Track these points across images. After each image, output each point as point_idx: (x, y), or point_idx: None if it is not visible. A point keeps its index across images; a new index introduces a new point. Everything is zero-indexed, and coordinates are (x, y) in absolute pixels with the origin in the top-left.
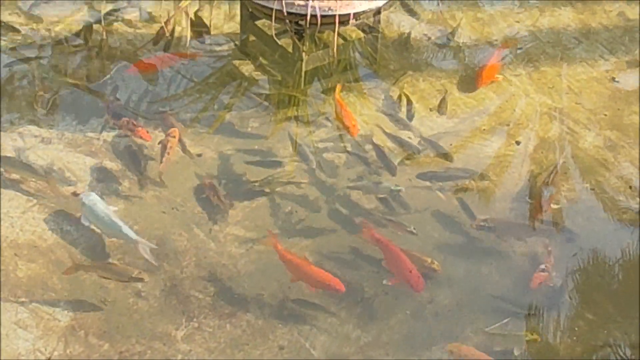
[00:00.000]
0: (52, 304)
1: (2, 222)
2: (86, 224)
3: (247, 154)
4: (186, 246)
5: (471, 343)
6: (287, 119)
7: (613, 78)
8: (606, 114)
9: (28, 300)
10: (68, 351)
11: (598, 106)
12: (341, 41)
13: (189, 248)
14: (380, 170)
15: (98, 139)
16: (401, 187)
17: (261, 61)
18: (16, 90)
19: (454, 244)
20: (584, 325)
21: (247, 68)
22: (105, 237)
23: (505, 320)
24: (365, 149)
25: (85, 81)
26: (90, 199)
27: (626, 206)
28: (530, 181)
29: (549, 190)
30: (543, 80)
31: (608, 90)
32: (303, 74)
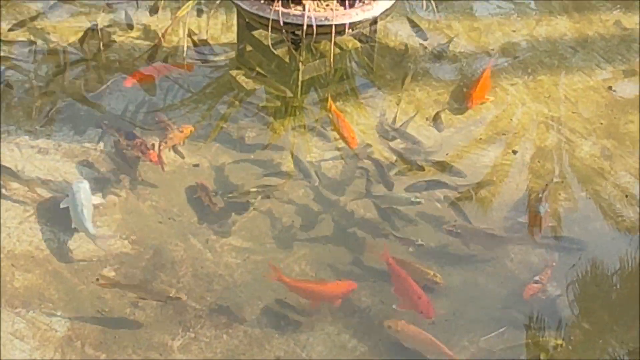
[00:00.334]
0: (49, 315)
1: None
2: (62, 206)
3: (244, 164)
4: (183, 256)
5: (468, 352)
6: (284, 129)
7: (610, 87)
8: (602, 123)
9: (25, 310)
10: None
11: (595, 115)
12: (338, 51)
13: (186, 258)
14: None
15: (95, 150)
16: (421, 199)
17: (258, 71)
18: (13, 100)
19: (451, 254)
20: (580, 334)
21: (244, 78)
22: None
23: (501, 329)
24: (364, 161)
25: (82, 92)
26: (78, 186)
27: (623, 215)
28: (527, 194)
29: (544, 207)
30: (539, 89)
31: (604, 99)
32: (300, 84)
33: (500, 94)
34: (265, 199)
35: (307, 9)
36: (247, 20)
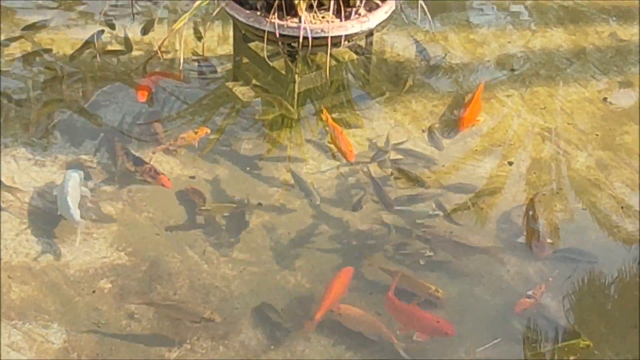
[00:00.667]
0: (46, 327)
1: None
2: (54, 194)
3: (241, 176)
4: (179, 268)
5: None
6: (281, 141)
7: (605, 98)
8: (598, 134)
9: (21, 322)
10: None
11: (590, 126)
12: (334, 63)
13: (183, 270)
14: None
15: (92, 162)
16: (439, 212)
17: (254, 83)
18: (9, 112)
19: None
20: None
21: (241, 90)
22: (98, 260)
23: (496, 340)
24: (361, 173)
25: (78, 104)
26: (70, 174)
27: (619, 226)
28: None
29: (539, 225)
30: (535, 100)
31: (600, 110)
32: (296, 96)
33: (496, 106)
34: (261, 211)
35: (303, 21)
36: (244, 32)
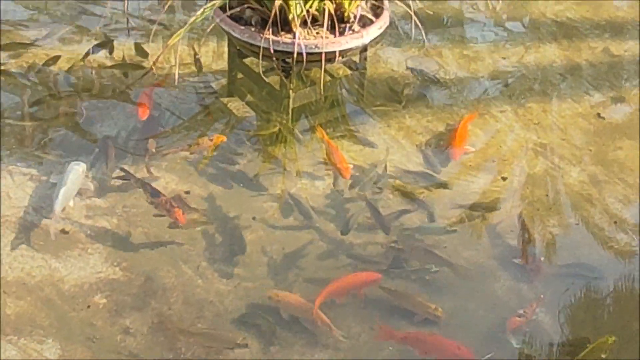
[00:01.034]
0: (40, 342)
1: None
2: (52, 181)
3: (235, 192)
4: (174, 283)
5: None
6: (275, 156)
7: (598, 114)
8: (591, 150)
9: (16, 337)
10: None
11: (583, 142)
12: (328, 78)
13: (177, 285)
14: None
15: (87, 177)
16: (456, 228)
17: (249, 98)
18: (5, 128)
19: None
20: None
21: (235, 105)
22: (93, 276)
23: (488, 355)
24: (356, 189)
25: (74, 119)
26: (72, 166)
27: (612, 240)
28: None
29: (534, 250)
30: (528, 116)
31: (593, 126)
32: (290, 111)
33: (489, 121)
34: (256, 226)
35: (298, 37)
36: (238, 48)
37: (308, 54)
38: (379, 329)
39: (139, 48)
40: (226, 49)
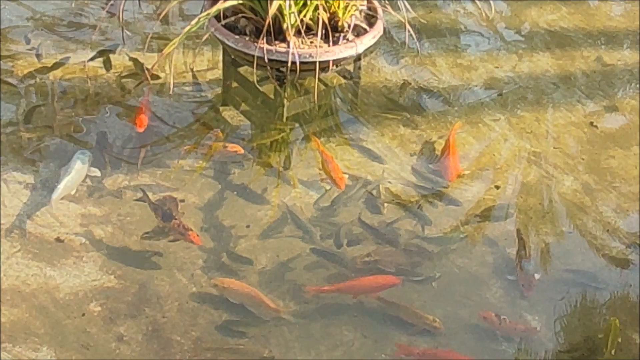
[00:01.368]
0: (35, 349)
1: None
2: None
3: (229, 200)
4: (168, 291)
5: None
6: (269, 165)
7: (591, 123)
8: (584, 158)
9: (11, 345)
10: None
11: (576, 151)
12: (322, 87)
13: (171, 293)
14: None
15: (82, 185)
16: (466, 234)
17: (243, 107)
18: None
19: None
20: None
21: (230, 114)
22: (88, 283)
23: None
24: (352, 197)
25: (69, 128)
26: (78, 156)
27: (606, 249)
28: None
29: (530, 264)
30: (522, 125)
31: (586, 134)
32: (285, 120)
33: (483, 130)
34: (249, 234)
35: (292, 46)
36: (233, 57)
37: (302, 63)
38: (397, 347)
39: (134, 58)
40: (221, 58)
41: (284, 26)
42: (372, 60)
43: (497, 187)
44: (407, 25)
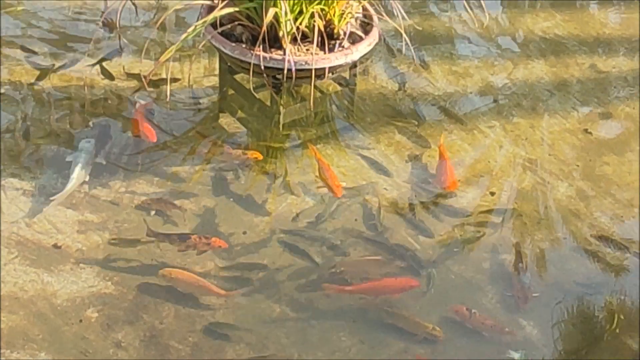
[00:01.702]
0: (33, 355)
1: None
2: (68, 160)
3: (226, 207)
4: (165, 297)
5: None
6: (265, 172)
7: (586, 129)
8: (579, 165)
9: (9, 351)
10: None
11: (571, 157)
12: (318, 94)
13: (169, 299)
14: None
15: (79, 191)
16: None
17: (240, 114)
18: None
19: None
20: None
21: (226, 121)
22: (85, 290)
23: None
24: (347, 204)
25: (67, 135)
26: (83, 144)
27: (599, 255)
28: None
29: (526, 278)
30: (517, 132)
31: (580, 141)
32: (281, 127)
33: (478, 137)
34: (246, 241)
35: (288, 54)
36: (229, 64)
37: (298, 70)
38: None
39: (131, 65)
40: (217, 66)
41: (280, 34)
42: (368, 67)
43: (493, 194)
44: (403, 33)
